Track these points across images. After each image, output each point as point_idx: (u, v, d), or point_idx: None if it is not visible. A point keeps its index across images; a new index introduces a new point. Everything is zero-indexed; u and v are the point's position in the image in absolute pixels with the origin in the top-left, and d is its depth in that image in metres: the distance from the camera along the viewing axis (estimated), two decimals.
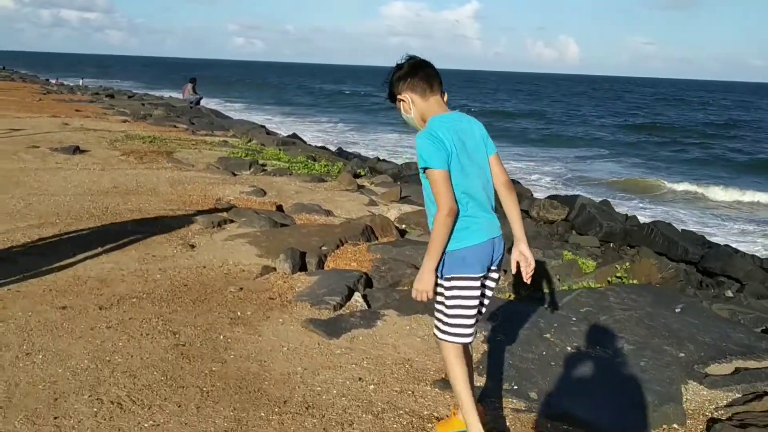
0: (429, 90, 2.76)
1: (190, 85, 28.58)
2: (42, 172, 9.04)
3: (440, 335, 2.80)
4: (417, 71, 2.78)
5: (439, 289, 2.78)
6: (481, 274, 2.72)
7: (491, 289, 2.87)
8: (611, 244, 14.70)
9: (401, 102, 2.82)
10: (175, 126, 17.08)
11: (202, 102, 29.14)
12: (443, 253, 2.65)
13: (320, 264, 5.88)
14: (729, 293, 9.53)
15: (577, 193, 19.11)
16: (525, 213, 15.70)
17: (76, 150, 10.91)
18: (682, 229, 14.60)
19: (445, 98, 2.84)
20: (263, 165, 11.46)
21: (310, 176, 10.76)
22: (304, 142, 19.04)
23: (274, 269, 5.58)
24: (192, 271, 5.40)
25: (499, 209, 2.86)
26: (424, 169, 2.64)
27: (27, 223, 6.37)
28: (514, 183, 15.61)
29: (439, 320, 2.80)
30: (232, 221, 7.24)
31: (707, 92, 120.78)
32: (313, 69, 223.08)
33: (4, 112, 17.04)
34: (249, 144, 14.56)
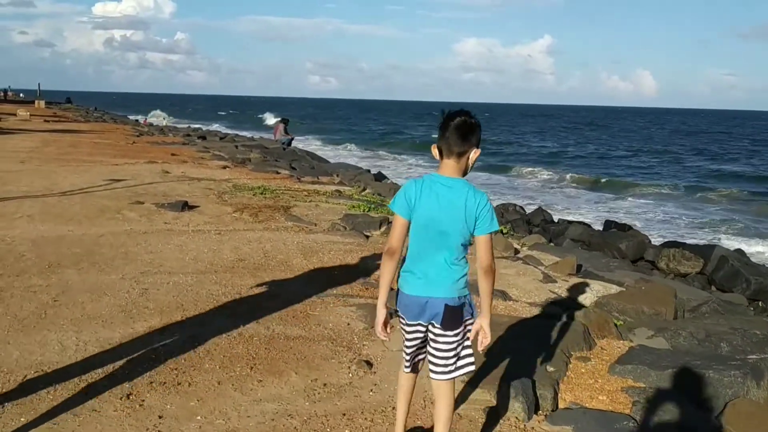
0: (446, 153, 2.89)
1: (282, 126, 27.67)
2: (152, 238, 7.63)
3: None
4: (442, 134, 2.90)
5: None
6: (411, 321, 3.00)
7: (440, 350, 2.99)
8: (760, 303, 12.53)
9: (434, 148, 2.98)
10: (277, 172, 15.77)
11: (293, 142, 28.16)
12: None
13: (554, 396, 4.09)
14: None
15: (714, 241, 16.92)
16: (652, 264, 13.70)
17: (185, 206, 9.55)
18: None
19: (474, 156, 2.90)
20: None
21: None
22: None
23: (497, 408, 3.84)
24: (388, 416, 3.70)
25: None
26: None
27: (146, 323, 4.84)
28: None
29: None
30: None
31: None
32: (389, 105, 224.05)
33: (101, 157, 16.14)
34: (365, 194, 13.01)
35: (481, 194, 2.88)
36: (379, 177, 18.49)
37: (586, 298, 6.54)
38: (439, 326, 2.94)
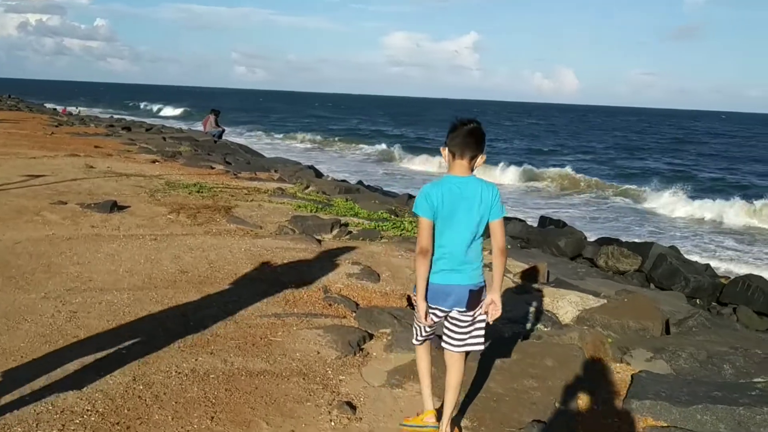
0: (459, 155, 3.22)
1: (212, 117, 26.45)
2: (78, 245, 6.69)
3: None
4: (454, 139, 3.23)
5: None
6: (433, 305, 3.28)
7: (458, 328, 3.34)
8: (698, 301, 12.56)
9: (443, 150, 3.30)
10: (211, 167, 14.78)
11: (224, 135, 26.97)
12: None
13: None
14: None
15: (651, 239, 16.96)
16: (590, 261, 13.60)
17: (114, 206, 8.57)
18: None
19: (480, 161, 3.26)
20: (345, 224, 9.13)
21: (408, 240, 8.44)
22: (371, 189, 16.75)
23: None
24: None
25: None
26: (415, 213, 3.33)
27: (77, 358, 4.00)
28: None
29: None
30: (369, 335, 4.91)
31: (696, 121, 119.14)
32: (316, 98, 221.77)
33: (17, 149, 14.74)
34: (309, 192, 12.24)
35: (492, 185, 3.29)
36: (318, 173, 17.70)
37: (567, 313, 6.04)
38: (463, 309, 3.28)
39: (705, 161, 42.88)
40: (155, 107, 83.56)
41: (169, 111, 78.77)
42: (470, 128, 3.21)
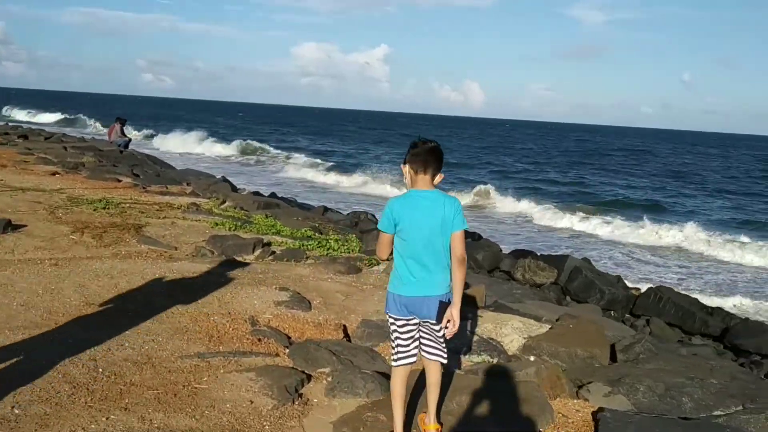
0: (421, 172, 3.35)
1: (118, 126, 25.06)
2: None
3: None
4: (417, 156, 3.36)
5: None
6: (402, 317, 3.41)
7: (431, 337, 3.47)
8: (612, 312, 12.78)
9: (403, 167, 3.43)
10: (117, 180, 13.78)
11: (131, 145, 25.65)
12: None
13: None
14: None
15: (564, 252, 17.12)
16: (508, 274, 13.63)
17: (8, 226, 7.67)
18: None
19: (438, 178, 3.39)
20: (268, 244, 8.54)
21: (336, 261, 7.96)
22: (287, 201, 16.06)
23: None
24: None
25: None
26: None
27: None
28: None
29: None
30: (307, 376, 4.40)
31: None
32: (225, 106, 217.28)
33: None
34: (225, 208, 11.53)
35: (453, 198, 3.40)
36: (234, 187, 16.93)
37: (513, 341, 5.70)
38: (434, 320, 3.36)
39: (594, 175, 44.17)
40: (22, 113, 71.69)
41: (45, 117, 68.63)
42: (431, 146, 3.36)
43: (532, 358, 5.48)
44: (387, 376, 4.54)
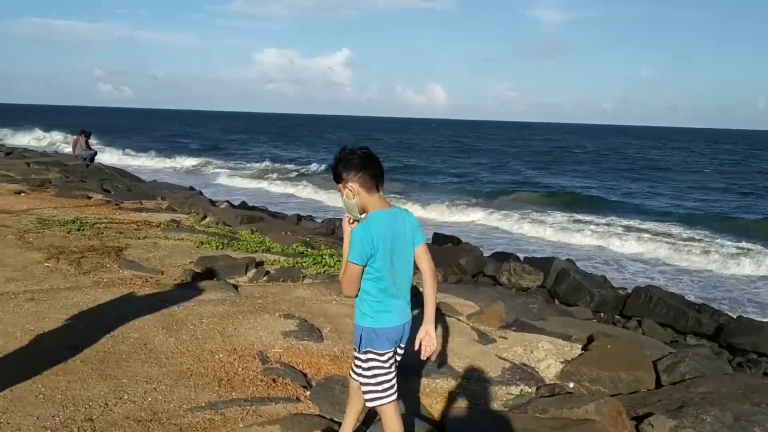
0: (374, 188, 2.97)
1: (82, 139, 24.12)
2: None
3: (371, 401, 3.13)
4: (368, 168, 2.94)
5: (357, 362, 3.12)
6: (389, 350, 3.08)
7: (398, 359, 3.19)
8: (601, 314, 12.46)
9: (346, 189, 2.96)
10: (88, 197, 13.01)
11: (96, 158, 24.70)
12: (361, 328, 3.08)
13: None
14: None
15: (551, 254, 16.76)
16: (493, 279, 13.25)
17: None
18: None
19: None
20: (260, 263, 7.93)
21: (336, 280, 7.40)
22: (271, 214, 15.37)
23: None
24: None
25: None
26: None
27: None
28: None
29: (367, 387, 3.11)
30: (338, 424, 3.82)
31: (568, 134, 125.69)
32: (188, 115, 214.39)
33: None
34: (207, 223, 10.86)
35: (408, 212, 3.14)
36: (212, 201, 16.22)
37: (549, 366, 5.20)
38: (403, 345, 3.17)
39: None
40: None
41: None
42: (368, 154, 3.01)
43: (571, 385, 5.00)
44: (427, 420, 4.00)
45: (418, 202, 25.29)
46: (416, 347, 3.12)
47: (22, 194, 12.60)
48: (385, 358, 3.07)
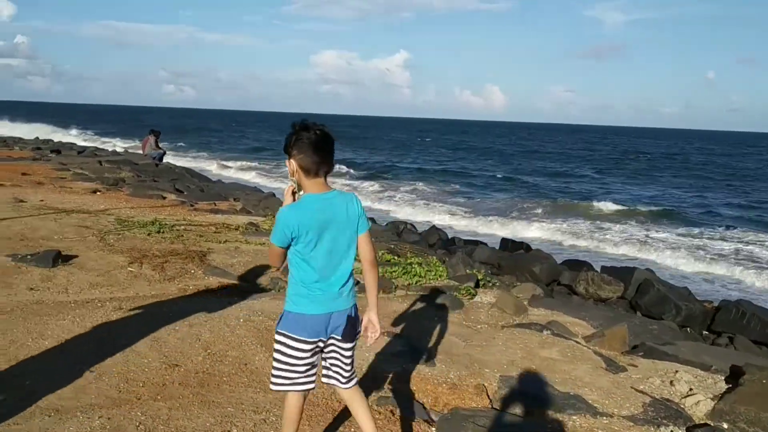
0: (314, 174, 2.82)
1: (152, 138, 24.25)
2: (15, 325, 4.78)
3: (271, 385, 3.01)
4: (313, 153, 2.79)
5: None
6: (310, 339, 2.87)
7: (345, 356, 2.99)
8: (688, 330, 11.55)
9: (290, 163, 2.86)
10: (162, 197, 12.82)
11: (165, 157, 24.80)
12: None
13: None
14: None
15: (632, 264, 15.84)
16: (569, 288, 12.47)
17: (57, 258, 6.65)
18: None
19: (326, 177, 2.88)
20: None
21: (431, 292, 6.89)
22: None
23: None
24: None
25: None
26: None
27: None
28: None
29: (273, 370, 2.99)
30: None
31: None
32: (247, 116, 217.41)
33: None
34: None
35: (352, 196, 2.97)
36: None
37: (698, 403, 4.53)
38: (340, 338, 2.96)
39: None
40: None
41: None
42: (319, 136, 2.80)
43: (725, 426, 4.33)
44: None
45: (480, 212, 24.58)
46: (361, 333, 3.02)
47: (98, 193, 12.48)
48: (300, 346, 2.88)
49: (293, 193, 2.90)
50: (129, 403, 3.67)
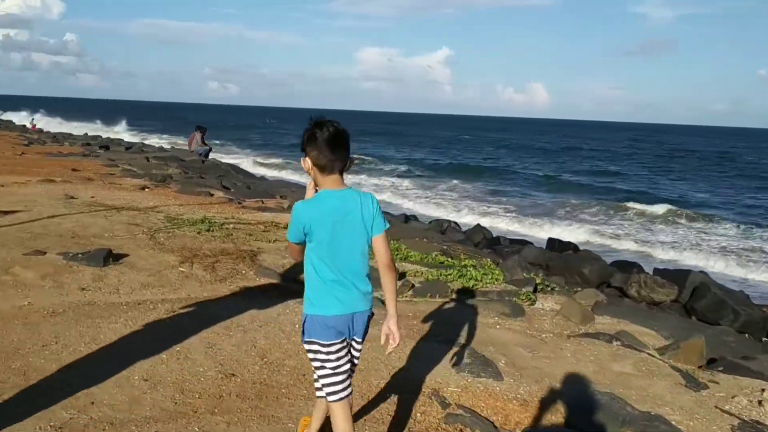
0: (328, 170, 2.79)
1: (198, 134, 24.37)
2: (67, 327, 4.65)
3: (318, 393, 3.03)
4: (328, 151, 2.76)
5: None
6: (335, 340, 2.80)
7: (356, 357, 2.97)
8: (747, 336, 10.94)
9: (304, 162, 2.85)
10: (210, 194, 12.74)
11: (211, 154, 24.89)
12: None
13: None
14: None
15: (687, 267, 15.22)
16: (620, 291, 11.96)
17: (109, 257, 6.53)
18: None
19: (349, 164, 2.85)
20: (403, 274, 7.21)
21: (491, 298, 6.59)
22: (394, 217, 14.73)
23: None
24: None
25: None
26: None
27: None
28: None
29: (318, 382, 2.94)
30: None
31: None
32: (291, 113, 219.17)
33: None
34: None
35: (370, 195, 2.91)
36: None
37: None
38: (360, 340, 2.93)
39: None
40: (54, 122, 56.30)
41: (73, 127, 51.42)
42: (333, 133, 2.77)
43: None
44: None
45: (523, 211, 24.06)
46: (382, 342, 2.90)
47: (147, 189, 12.45)
48: (332, 349, 2.81)
49: (315, 188, 2.88)
50: (186, 417, 3.47)
